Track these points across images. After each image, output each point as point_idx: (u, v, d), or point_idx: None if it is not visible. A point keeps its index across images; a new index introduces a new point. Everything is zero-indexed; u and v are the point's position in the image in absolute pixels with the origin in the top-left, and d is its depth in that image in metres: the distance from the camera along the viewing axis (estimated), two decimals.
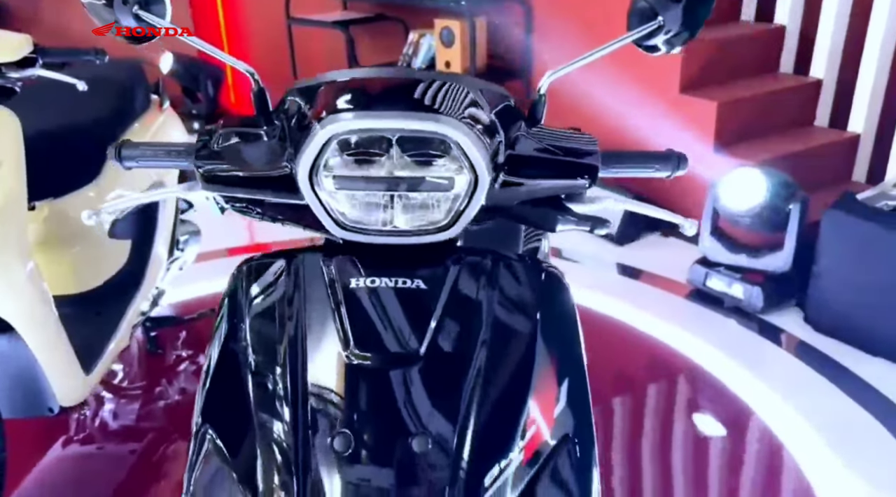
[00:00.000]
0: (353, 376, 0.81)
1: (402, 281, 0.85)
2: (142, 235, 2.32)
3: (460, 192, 0.83)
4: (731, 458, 2.18)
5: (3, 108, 1.67)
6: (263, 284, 0.92)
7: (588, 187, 0.93)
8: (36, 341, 1.73)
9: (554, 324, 0.91)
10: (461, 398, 0.80)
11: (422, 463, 0.77)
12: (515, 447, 0.80)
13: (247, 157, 0.90)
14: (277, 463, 0.79)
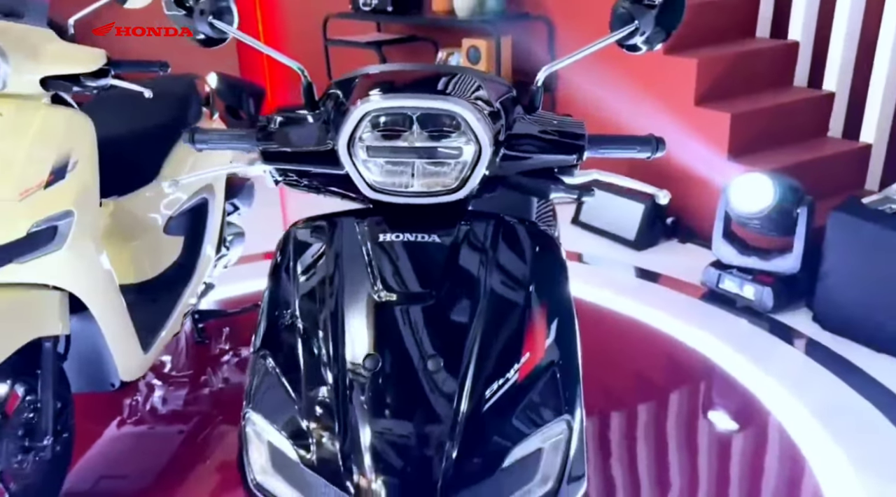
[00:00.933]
0: (380, 311, 1.00)
1: (420, 236, 1.05)
2: (193, 233, 2.56)
3: (467, 161, 1.02)
4: (741, 449, 2.30)
5: (80, 113, 1.91)
6: (309, 240, 1.12)
7: (576, 163, 1.12)
8: (105, 321, 1.96)
9: (546, 273, 1.10)
10: (468, 329, 0.99)
11: (435, 378, 0.96)
12: (512, 368, 0.99)
13: (297, 137, 1.10)
14: (319, 378, 0.98)
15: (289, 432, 0.99)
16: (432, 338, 0.98)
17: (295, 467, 0.99)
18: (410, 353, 0.97)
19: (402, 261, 1.03)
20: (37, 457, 1.87)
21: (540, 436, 0.99)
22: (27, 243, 1.75)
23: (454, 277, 1.03)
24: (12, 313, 1.76)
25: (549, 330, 1.05)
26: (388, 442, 0.94)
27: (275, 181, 1.17)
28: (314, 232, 1.12)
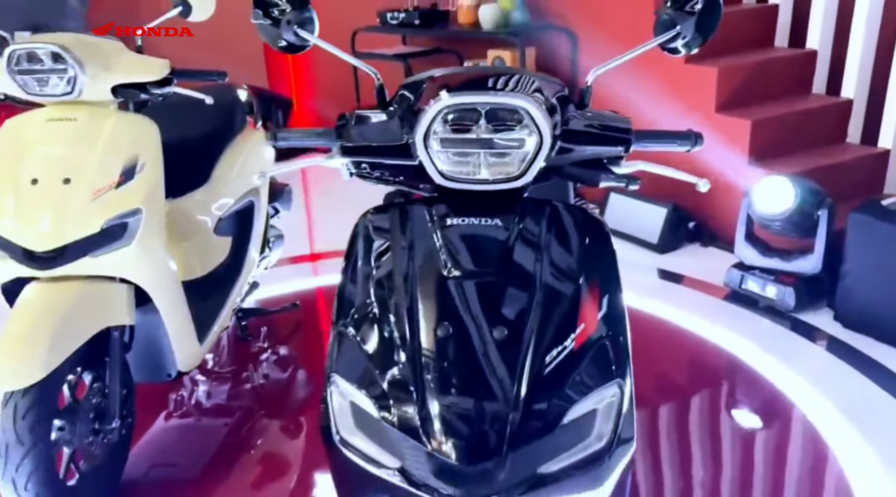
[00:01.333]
0: (449, 286, 1.12)
1: (483, 220, 1.17)
2: (240, 235, 2.70)
3: (528, 151, 1.14)
4: (769, 444, 2.38)
5: (147, 118, 2.06)
6: (381, 225, 1.24)
7: (623, 155, 1.23)
8: (167, 312, 2.10)
9: (596, 253, 1.21)
10: (528, 302, 1.11)
11: (500, 345, 1.08)
12: (568, 338, 1.10)
13: (372, 133, 1.23)
14: (396, 344, 1.10)
15: (370, 393, 1.11)
16: (497, 310, 1.10)
17: (376, 424, 1.10)
18: (477, 323, 1.09)
19: (468, 242, 1.16)
20: (105, 439, 2.00)
21: (594, 398, 1.10)
22: (100, 239, 1.90)
23: (515, 256, 1.14)
24: (85, 304, 1.90)
25: (600, 304, 1.17)
26: (459, 400, 1.05)
27: (350, 173, 1.30)
28: (385, 218, 1.24)
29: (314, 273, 3.81)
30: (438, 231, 1.17)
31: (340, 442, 1.14)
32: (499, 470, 1.05)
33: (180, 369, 2.25)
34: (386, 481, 1.12)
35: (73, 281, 1.92)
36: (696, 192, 3.71)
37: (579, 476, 1.09)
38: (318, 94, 5.96)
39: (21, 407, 1.74)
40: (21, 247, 1.86)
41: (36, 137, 1.94)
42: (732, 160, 3.54)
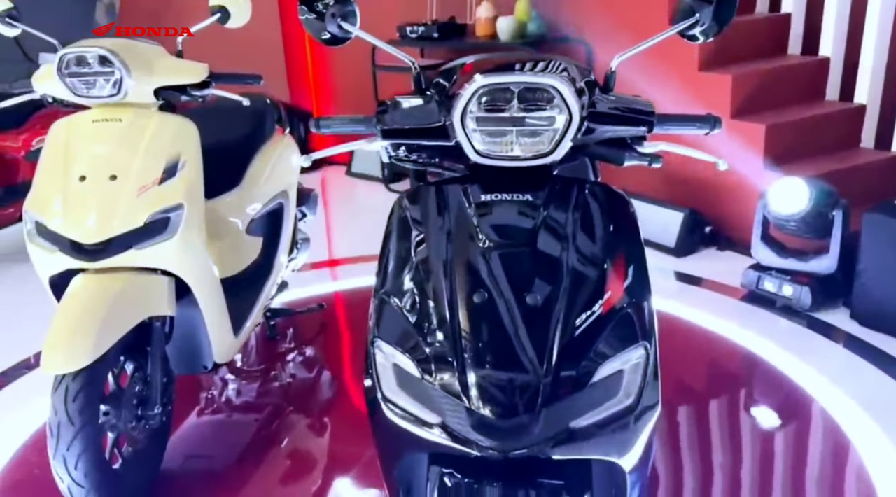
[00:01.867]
0: (484, 256, 1.20)
1: (516, 196, 1.25)
2: (270, 235, 2.79)
3: (558, 128, 1.22)
4: (790, 438, 2.42)
5: (187, 119, 2.17)
6: (420, 201, 1.33)
7: (646, 134, 1.31)
8: (206, 304, 2.19)
9: (621, 226, 1.29)
10: (559, 271, 1.19)
11: (533, 310, 1.16)
12: (597, 304, 1.18)
13: (411, 117, 1.32)
14: (435, 310, 1.19)
15: (412, 355, 1.19)
16: (529, 278, 1.18)
17: (418, 383, 1.18)
18: (512, 290, 1.17)
19: (502, 216, 1.24)
20: (147, 425, 2.09)
21: (621, 359, 1.18)
22: (144, 232, 2.00)
23: (546, 229, 1.23)
24: (129, 295, 1.99)
25: (626, 274, 1.25)
26: (496, 360, 1.13)
27: (389, 156, 1.38)
28: (422, 197, 1.33)
29: (334, 278, 3.90)
30: (473, 207, 1.25)
31: (384, 400, 1.22)
32: (533, 424, 1.12)
33: (216, 361, 2.34)
34: (426, 439, 1.20)
35: (117, 273, 2.02)
36: (713, 196, 3.81)
37: (608, 433, 1.16)
38: (337, 107, 6.10)
39: (72, 390, 1.84)
40: (69, 239, 1.96)
41: (83, 137, 2.05)
42: (748, 164, 3.61)
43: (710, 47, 3.81)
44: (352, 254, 4.09)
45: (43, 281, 2.11)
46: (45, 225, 1.99)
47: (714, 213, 3.83)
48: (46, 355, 1.83)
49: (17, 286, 3.89)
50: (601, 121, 1.28)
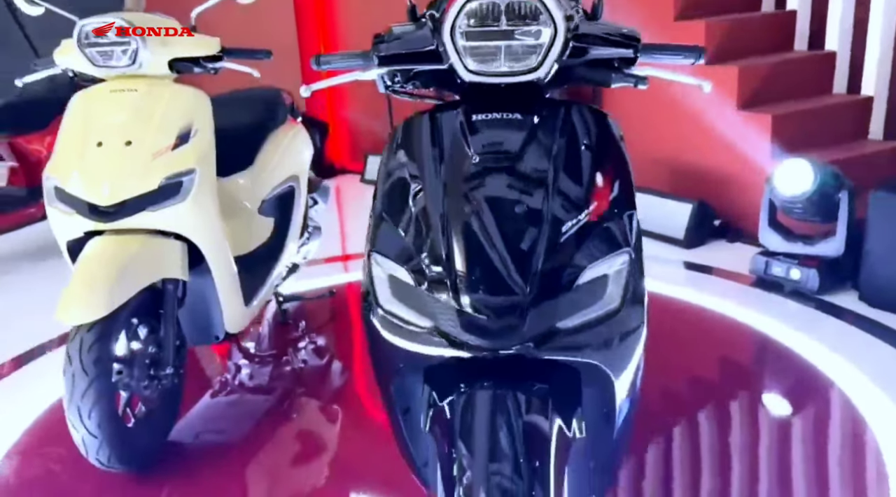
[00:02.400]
0: (475, 170, 1.25)
1: (505, 114, 1.30)
2: (281, 217, 2.86)
3: (545, 42, 1.27)
4: (800, 412, 2.43)
5: (200, 90, 2.25)
6: (415, 127, 1.38)
7: (633, 56, 1.35)
8: (217, 269, 2.26)
9: (608, 145, 1.34)
10: (547, 182, 1.24)
11: (522, 217, 1.20)
12: (583, 212, 1.22)
13: (405, 44, 1.37)
14: (428, 222, 1.23)
15: (407, 266, 1.24)
16: (519, 188, 1.23)
17: (412, 291, 1.23)
18: (502, 199, 1.22)
19: (493, 133, 1.29)
20: (159, 385, 2.14)
21: (606, 263, 1.22)
22: (158, 195, 2.08)
23: (535, 144, 1.27)
24: (144, 256, 2.06)
25: (612, 187, 1.29)
26: (486, 265, 1.17)
27: (385, 86, 1.44)
28: (418, 121, 1.38)
29: (346, 270, 3.96)
30: (466, 125, 1.31)
31: (382, 310, 1.27)
32: (521, 324, 1.16)
33: (228, 330, 2.40)
34: (420, 353, 1.25)
35: (132, 235, 2.09)
36: (723, 190, 3.83)
37: (593, 335, 1.20)
38: (351, 118, 6.22)
39: (87, 340, 1.90)
40: (86, 202, 2.04)
41: (101, 106, 2.14)
42: (755, 155, 3.64)
43: (717, 43, 3.87)
44: (363, 250, 4.17)
45: (61, 245, 2.19)
46: (63, 189, 2.07)
47: (723, 206, 3.85)
48: (62, 306, 1.90)
49: (39, 281, 3.99)
50: (587, 42, 1.33)
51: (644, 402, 2.35)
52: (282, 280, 2.91)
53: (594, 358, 1.23)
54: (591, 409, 1.32)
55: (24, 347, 3.14)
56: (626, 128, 2.22)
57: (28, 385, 2.85)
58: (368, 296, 1.31)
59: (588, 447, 1.42)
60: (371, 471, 2.20)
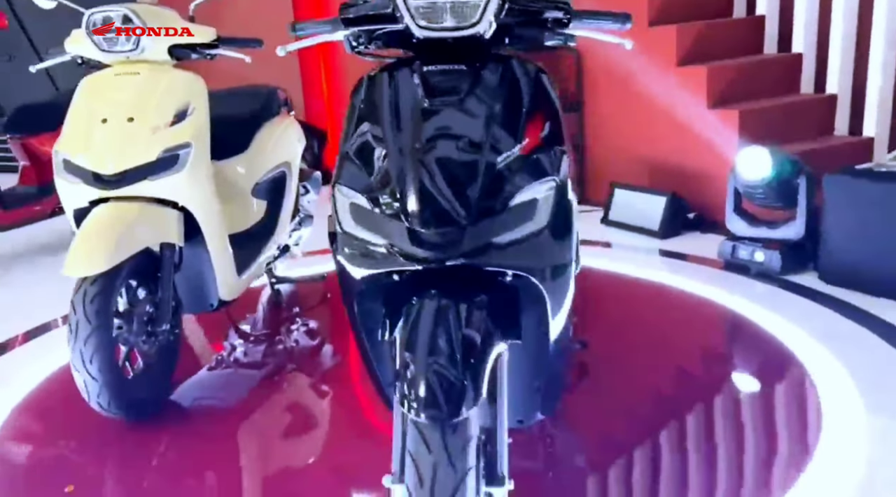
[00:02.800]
0: (425, 112, 1.45)
1: (452, 66, 1.50)
2: (274, 199, 3.07)
3: (482, 0, 1.47)
4: (755, 368, 2.65)
5: (196, 75, 2.47)
6: (376, 79, 1.58)
7: (565, 19, 1.55)
8: (211, 236, 2.46)
9: (539, 90, 1.53)
10: (487, 121, 1.43)
11: (463, 149, 1.40)
12: (517, 146, 1.42)
13: (367, 7, 1.58)
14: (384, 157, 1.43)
15: (366, 194, 1.44)
16: (462, 125, 1.43)
17: (370, 214, 1.42)
18: (448, 136, 1.42)
19: (440, 82, 1.48)
20: (156, 340, 2.34)
21: (535, 189, 1.41)
22: (157, 166, 2.29)
23: (477, 90, 1.47)
24: (143, 220, 2.27)
25: (543, 127, 1.48)
26: (432, 189, 1.37)
27: (351, 47, 1.65)
28: (377, 76, 1.58)
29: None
30: (418, 76, 1.51)
31: (343, 233, 1.46)
32: (462, 238, 1.35)
33: (222, 297, 2.60)
34: (377, 272, 1.44)
35: (133, 202, 2.30)
36: (696, 184, 4.08)
37: (525, 249, 1.40)
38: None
39: (90, 292, 2.10)
40: (92, 172, 2.26)
41: (106, 87, 2.37)
42: (725, 149, 3.84)
43: (687, 46, 4.10)
44: None
45: (68, 214, 2.40)
46: (71, 161, 2.29)
47: (696, 199, 4.05)
48: (69, 261, 2.10)
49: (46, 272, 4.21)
50: (522, 3, 1.53)
51: (628, 369, 2.59)
52: (274, 259, 3.11)
53: (524, 269, 1.42)
54: (527, 324, 1.51)
55: (31, 325, 3.36)
56: (605, 126, 2.42)
57: (35, 355, 3.06)
58: (335, 235, 1.50)
59: (529, 364, 1.61)
60: (353, 438, 2.37)
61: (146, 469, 2.21)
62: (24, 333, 3.29)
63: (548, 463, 2.14)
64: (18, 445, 2.41)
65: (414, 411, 1.26)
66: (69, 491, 2.06)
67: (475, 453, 1.29)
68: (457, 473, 1.24)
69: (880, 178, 3.00)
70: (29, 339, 3.25)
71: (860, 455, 2.03)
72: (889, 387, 2.37)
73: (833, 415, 2.23)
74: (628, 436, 2.21)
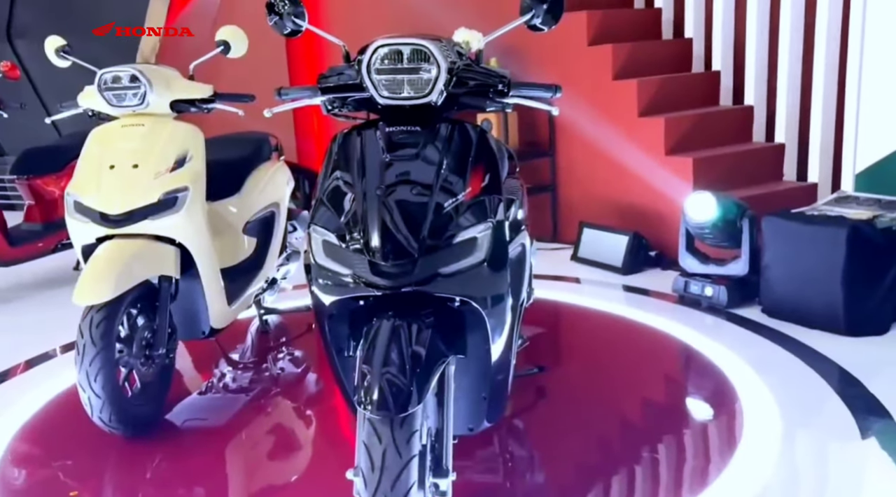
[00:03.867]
0: (385, 165, 1.76)
1: (410, 127, 1.81)
2: (263, 237, 3.37)
3: (433, 76, 1.76)
4: (694, 389, 2.97)
5: (195, 126, 2.79)
6: (348, 137, 1.88)
7: (503, 89, 1.86)
8: (204, 269, 2.75)
9: (482, 149, 1.83)
10: (436, 173, 1.73)
11: (416, 196, 1.70)
12: (461, 194, 1.72)
13: (340, 78, 1.89)
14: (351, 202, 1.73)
15: (335, 233, 1.73)
16: (416, 178, 1.73)
17: (339, 250, 1.71)
18: (403, 184, 1.72)
19: (399, 140, 1.78)
20: (153, 364, 2.61)
21: (475, 229, 1.70)
22: (158, 207, 2.59)
23: (429, 147, 1.77)
24: (144, 255, 2.56)
25: (483, 178, 1.78)
26: (391, 226, 1.66)
27: (326, 109, 1.95)
28: (347, 136, 1.89)
29: None
30: (381, 134, 1.82)
31: (317, 265, 1.76)
32: (414, 269, 1.65)
33: (213, 326, 2.87)
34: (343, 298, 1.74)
35: (136, 239, 2.59)
36: (656, 226, 4.46)
37: (468, 278, 1.69)
38: None
39: (95, 319, 2.38)
40: (100, 212, 2.55)
41: (115, 137, 2.67)
42: (679, 194, 4.16)
43: (647, 99, 4.45)
44: None
45: (77, 250, 2.69)
46: (81, 202, 2.58)
47: (656, 239, 4.37)
48: (78, 291, 2.38)
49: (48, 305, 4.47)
50: (468, 77, 1.85)
51: (581, 391, 2.89)
52: (262, 291, 3.40)
53: (467, 296, 1.72)
54: (472, 342, 1.80)
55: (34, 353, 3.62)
56: (575, 171, 2.73)
57: (37, 380, 3.32)
58: (310, 268, 1.80)
59: (475, 377, 1.89)
60: (329, 456, 2.62)
61: (142, 480, 2.46)
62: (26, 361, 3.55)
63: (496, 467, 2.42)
64: (26, 459, 2.66)
65: (369, 410, 1.54)
66: (73, 496, 2.31)
67: (418, 445, 1.56)
68: (402, 459, 1.51)
69: (811, 220, 3.33)
70: (31, 366, 3.51)
71: (772, 456, 2.34)
72: (805, 404, 2.68)
73: (751, 427, 2.53)
74: (578, 445, 2.49)
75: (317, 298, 1.81)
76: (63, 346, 3.59)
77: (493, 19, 4.13)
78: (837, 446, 2.41)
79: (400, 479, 1.51)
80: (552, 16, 1.94)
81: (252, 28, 3.07)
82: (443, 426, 1.72)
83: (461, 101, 1.89)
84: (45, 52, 2.91)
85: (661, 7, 5.07)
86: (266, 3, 2.00)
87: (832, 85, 4.16)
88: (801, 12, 4.33)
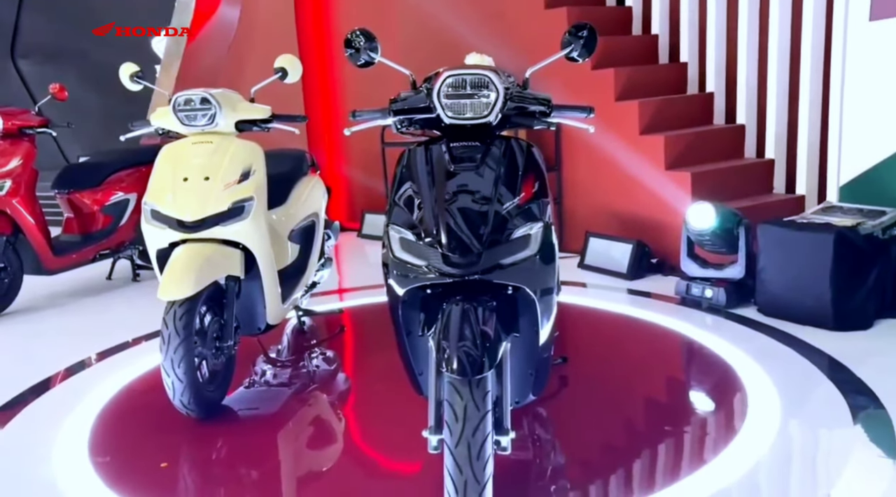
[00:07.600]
0: (451, 175, 2.09)
1: (470, 143, 2.14)
2: (305, 244, 3.69)
3: (492, 100, 2.10)
4: (700, 378, 3.29)
5: (256, 144, 3.12)
6: (416, 152, 2.22)
7: (547, 110, 2.22)
8: (265, 271, 3.07)
9: (531, 162, 2.17)
10: (495, 181, 2.07)
11: (480, 202, 2.03)
12: (516, 199, 2.06)
13: (409, 102, 2.23)
14: (423, 205, 2.06)
15: (411, 231, 2.06)
16: (478, 185, 2.06)
17: (414, 245, 2.04)
18: (468, 192, 2.06)
19: (462, 154, 2.12)
20: (221, 354, 2.92)
21: (528, 227, 2.04)
22: (227, 215, 2.91)
23: (488, 160, 2.12)
24: (216, 257, 2.88)
25: (533, 185, 2.12)
26: (457, 227, 2.00)
27: (397, 128, 2.29)
28: (417, 150, 2.22)
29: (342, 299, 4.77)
30: (445, 149, 2.16)
31: (395, 258, 2.09)
32: (478, 260, 1.98)
33: (269, 322, 3.19)
34: (417, 285, 2.07)
35: (207, 243, 2.90)
36: (659, 234, 4.89)
37: (522, 269, 2.02)
38: (350, 182, 7.15)
39: (178, 312, 2.69)
40: (176, 219, 2.87)
41: (186, 153, 3.00)
42: (679, 205, 4.53)
43: (647, 118, 4.84)
44: (360, 284, 5.06)
45: (151, 255, 3.00)
46: (159, 210, 2.90)
47: (658, 247, 4.73)
48: (162, 288, 2.70)
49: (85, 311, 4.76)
50: (518, 100, 2.20)
51: (600, 380, 3.22)
52: (304, 292, 3.71)
53: (522, 282, 2.05)
54: (523, 324, 2.14)
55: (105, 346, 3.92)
56: (580, 185, 3.10)
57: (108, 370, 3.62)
58: (387, 263, 2.12)
59: (524, 354, 2.23)
60: (365, 441, 2.93)
61: (215, 458, 2.77)
62: (99, 353, 3.86)
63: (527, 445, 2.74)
64: (114, 437, 2.95)
65: (451, 374, 1.87)
66: (164, 466, 2.61)
67: (490, 403, 1.89)
68: (480, 412, 1.84)
69: (802, 227, 3.70)
70: (103, 358, 3.81)
71: (772, 433, 2.67)
72: (801, 387, 3.02)
73: (755, 408, 2.86)
74: (601, 424, 2.82)
75: (391, 289, 2.13)
76: (128, 342, 3.88)
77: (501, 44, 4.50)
78: (830, 420, 2.75)
79: (479, 428, 1.83)
80: (587, 50, 2.30)
81: (266, 47, 3.38)
82: (502, 393, 2.05)
83: (512, 120, 2.24)
84: (120, 78, 3.24)
85: (658, 34, 5.47)
86: (345, 40, 2.34)
87: (817, 106, 4.56)
88: (788, 38, 4.73)
